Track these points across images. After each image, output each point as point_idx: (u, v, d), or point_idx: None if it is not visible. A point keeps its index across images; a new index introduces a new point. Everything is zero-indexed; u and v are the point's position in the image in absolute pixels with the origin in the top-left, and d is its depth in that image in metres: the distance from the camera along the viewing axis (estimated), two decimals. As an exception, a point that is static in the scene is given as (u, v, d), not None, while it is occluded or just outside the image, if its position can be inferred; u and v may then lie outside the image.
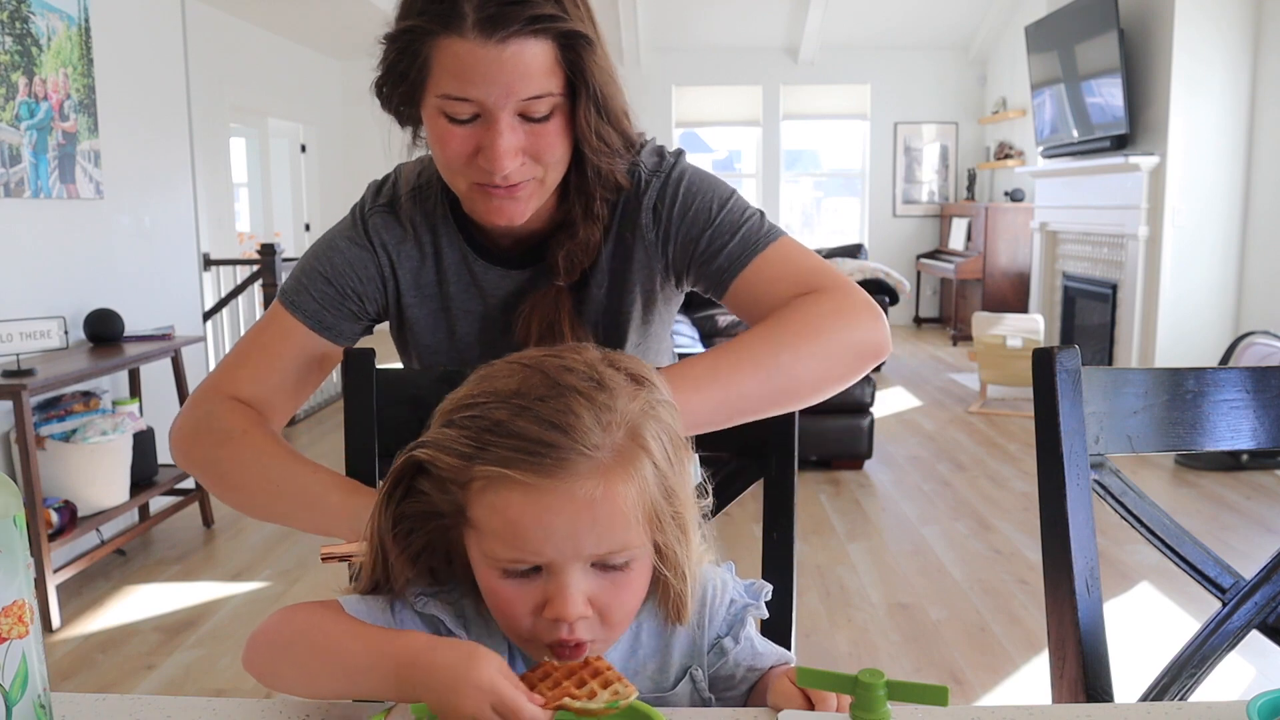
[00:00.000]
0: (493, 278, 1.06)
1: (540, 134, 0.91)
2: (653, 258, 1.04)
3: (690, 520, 0.71)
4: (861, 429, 4.32)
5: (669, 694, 0.73)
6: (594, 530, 0.64)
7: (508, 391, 0.65)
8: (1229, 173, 5.02)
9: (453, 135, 0.90)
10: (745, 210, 1.03)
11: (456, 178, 0.95)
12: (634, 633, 0.74)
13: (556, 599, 0.64)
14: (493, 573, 0.66)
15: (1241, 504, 3.82)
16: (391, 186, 1.07)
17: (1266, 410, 0.95)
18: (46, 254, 3.32)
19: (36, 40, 3.24)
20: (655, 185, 1.03)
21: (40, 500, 2.81)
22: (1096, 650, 0.88)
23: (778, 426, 0.99)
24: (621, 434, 0.65)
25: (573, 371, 0.66)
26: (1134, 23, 5.22)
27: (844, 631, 2.77)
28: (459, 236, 1.05)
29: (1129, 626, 2.75)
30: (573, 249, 1.01)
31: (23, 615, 0.61)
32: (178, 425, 1.01)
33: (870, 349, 0.96)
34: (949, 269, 8.06)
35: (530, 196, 0.95)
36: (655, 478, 0.67)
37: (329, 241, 1.06)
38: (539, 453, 0.62)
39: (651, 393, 0.69)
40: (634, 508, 0.65)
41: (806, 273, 0.99)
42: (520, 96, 0.88)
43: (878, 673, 0.62)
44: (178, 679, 2.52)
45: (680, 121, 8.95)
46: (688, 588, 0.71)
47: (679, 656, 0.74)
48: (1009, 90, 8.19)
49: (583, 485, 0.63)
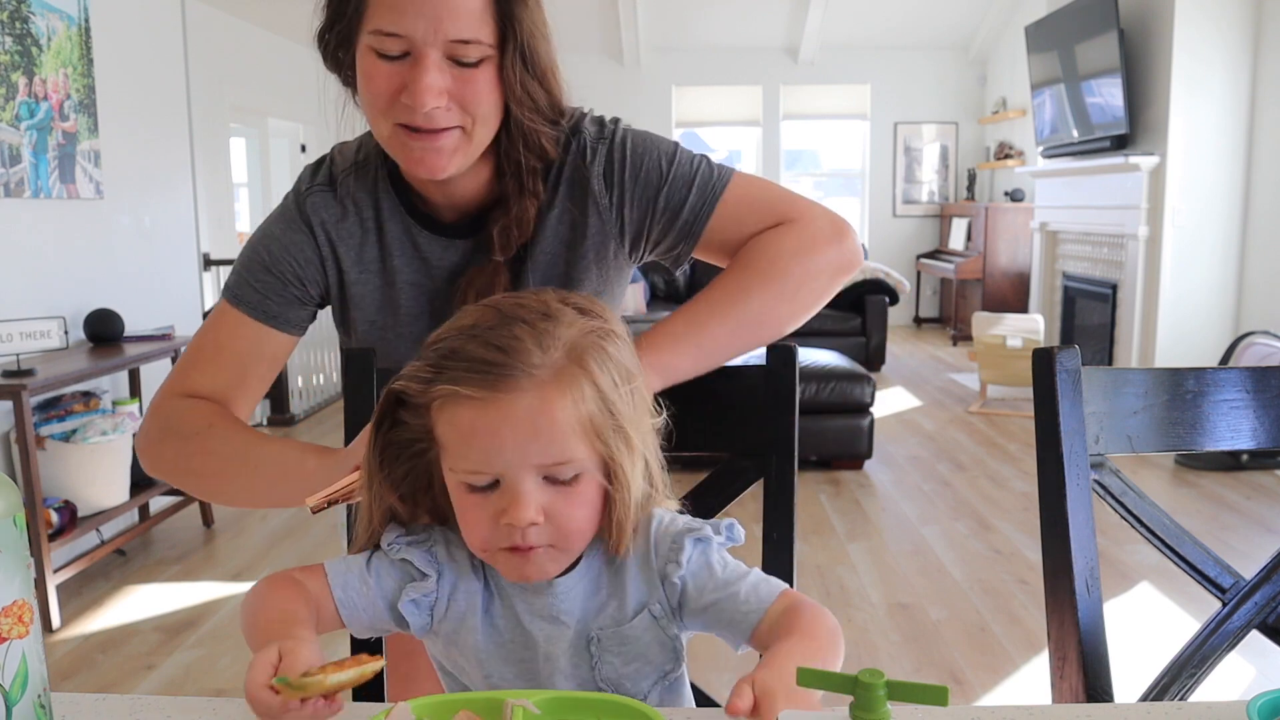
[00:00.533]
0: (436, 249, 1.05)
1: (467, 80, 0.91)
2: (607, 224, 1.04)
3: (636, 441, 0.75)
4: (861, 429, 4.32)
5: (627, 626, 0.77)
6: (536, 440, 0.70)
7: (466, 325, 0.74)
8: (1229, 173, 5.02)
9: (380, 71, 0.91)
10: (693, 160, 1.05)
11: (380, 120, 0.94)
12: (595, 574, 0.79)
13: (511, 507, 0.71)
14: (459, 488, 0.74)
15: (1241, 504, 3.82)
16: (328, 166, 1.07)
17: (1266, 410, 0.95)
18: (46, 254, 3.32)
19: (36, 40, 3.24)
20: (602, 152, 1.04)
21: (40, 500, 2.81)
22: (1096, 650, 0.88)
23: (778, 426, 0.99)
24: (560, 354, 0.71)
25: (524, 306, 0.74)
26: (1134, 23, 5.22)
27: (844, 631, 2.76)
28: (400, 208, 1.05)
29: (1129, 626, 2.75)
30: (507, 224, 1.01)
31: (23, 615, 0.61)
32: (141, 434, 1.02)
33: (839, 268, 1.02)
34: (949, 269, 8.06)
35: (455, 150, 0.94)
36: (595, 397, 0.72)
37: (265, 230, 1.06)
38: (484, 370, 0.70)
39: (594, 321, 0.75)
40: (571, 420, 0.71)
41: (768, 205, 1.03)
42: (449, 36, 0.88)
43: (878, 673, 0.63)
44: (178, 679, 2.52)
45: (680, 121, 8.95)
46: (628, 502, 0.75)
47: (634, 592, 0.78)
48: (1009, 90, 8.19)
49: (523, 399, 0.70)
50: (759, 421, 1.00)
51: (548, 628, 0.78)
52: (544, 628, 0.78)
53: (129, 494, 3.31)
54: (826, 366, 4.35)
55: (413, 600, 0.77)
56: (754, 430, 0.99)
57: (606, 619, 0.78)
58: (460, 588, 0.79)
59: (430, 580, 0.78)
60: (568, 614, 0.78)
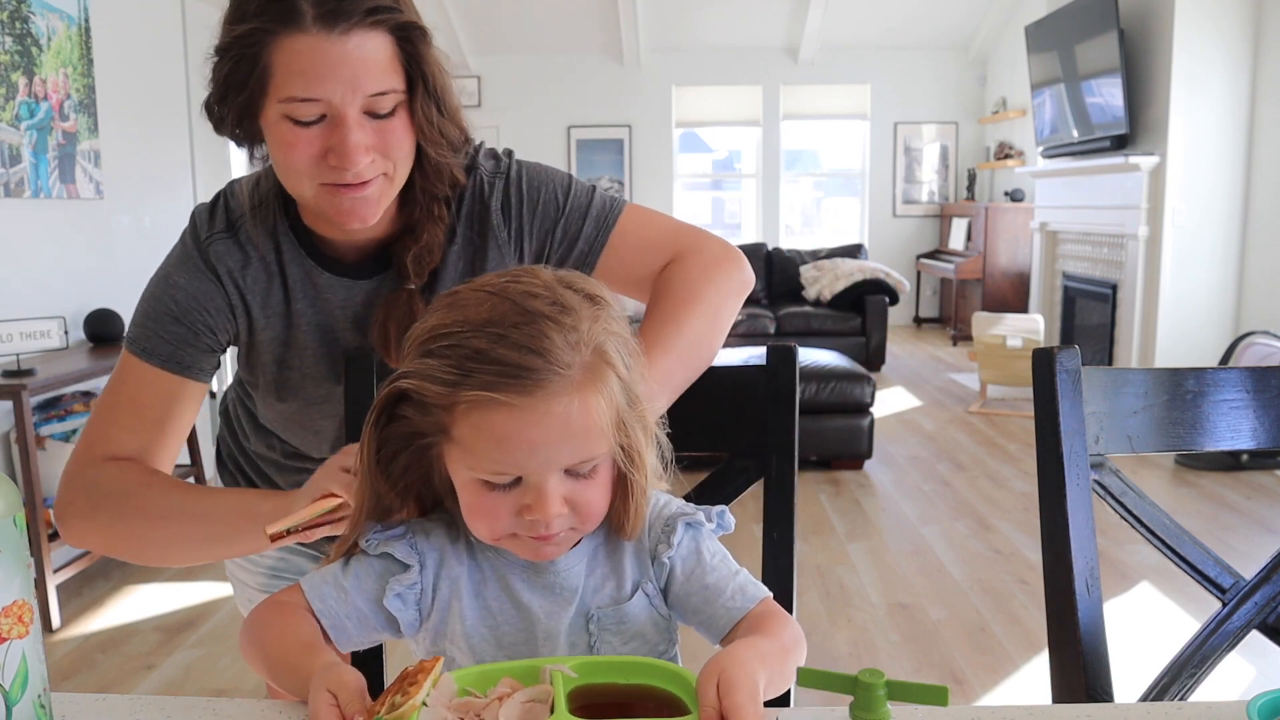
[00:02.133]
0: (339, 290, 1.04)
1: (386, 130, 0.91)
2: (506, 256, 1.06)
3: (648, 417, 0.77)
4: (861, 429, 4.32)
5: (627, 604, 0.79)
6: (570, 442, 0.71)
7: (480, 320, 0.71)
8: (1229, 173, 5.02)
9: (299, 138, 0.89)
10: (586, 191, 1.08)
11: (303, 182, 0.93)
12: (592, 552, 0.80)
13: (537, 504, 0.71)
14: (474, 484, 0.73)
15: (1241, 504, 3.82)
16: (224, 209, 1.04)
17: (1266, 410, 0.95)
18: (46, 254, 3.32)
19: (36, 40, 3.24)
20: (499, 186, 1.06)
21: (40, 500, 2.81)
22: (1096, 650, 0.88)
23: (778, 426, 0.99)
24: (589, 352, 0.71)
25: (537, 297, 0.72)
26: (1134, 23, 5.22)
27: (844, 631, 2.77)
28: (300, 250, 1.04)
29: (1129, 626, 2.75)
30: (419, 251, 1.01)
31: (23, 615, 0.61)
32: (62, 506, 0.97)
33: (742, 287, 1.07)
34: (949, 269, 8.06)
35: (380, 196, 0.95)
36: (620, 387, 0.73)
37: (166, 279, 1.02)
38: (520, 375, 0.68)
39: (606, 309, 0.75)
40: (604, 417, 0.72)
41: (664, 238, 1.07)
42: (366, 92, 0.88)
43: (878, 673, 0.63)
44: (178, 679, 2.52)
45: (680, 121, 8.95)
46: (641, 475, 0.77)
47: (630, 571, 0.80)
48: (1009, 90, 8.19)
49: (559, 401, 0.69)
50: (759, 421, 1.00)
51: (549, 603, 0.78)
52: (545, 603, 0.78)
53: (129, 494, 3.31)
54: (826, 366, 4.35)
55: (398, 595, 0.77)
56: (754, 430, 0.99)
57: (605, 598, 0.79)
58: (443, 575, 0.79)
59: (413, 570, 0.77)
60: (570, 589, 0.78)
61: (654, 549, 0.79)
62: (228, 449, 1.25)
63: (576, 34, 8.41)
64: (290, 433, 1.14)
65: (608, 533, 0.80)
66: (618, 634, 0.78)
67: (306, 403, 1.09)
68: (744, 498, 1.03)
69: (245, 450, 1.22)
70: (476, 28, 8.28)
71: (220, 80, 0.91)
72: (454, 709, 0.64)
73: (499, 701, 0.65)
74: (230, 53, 0.89)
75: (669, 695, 0.66)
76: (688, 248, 1.06)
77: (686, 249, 1.06)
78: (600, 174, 8.79)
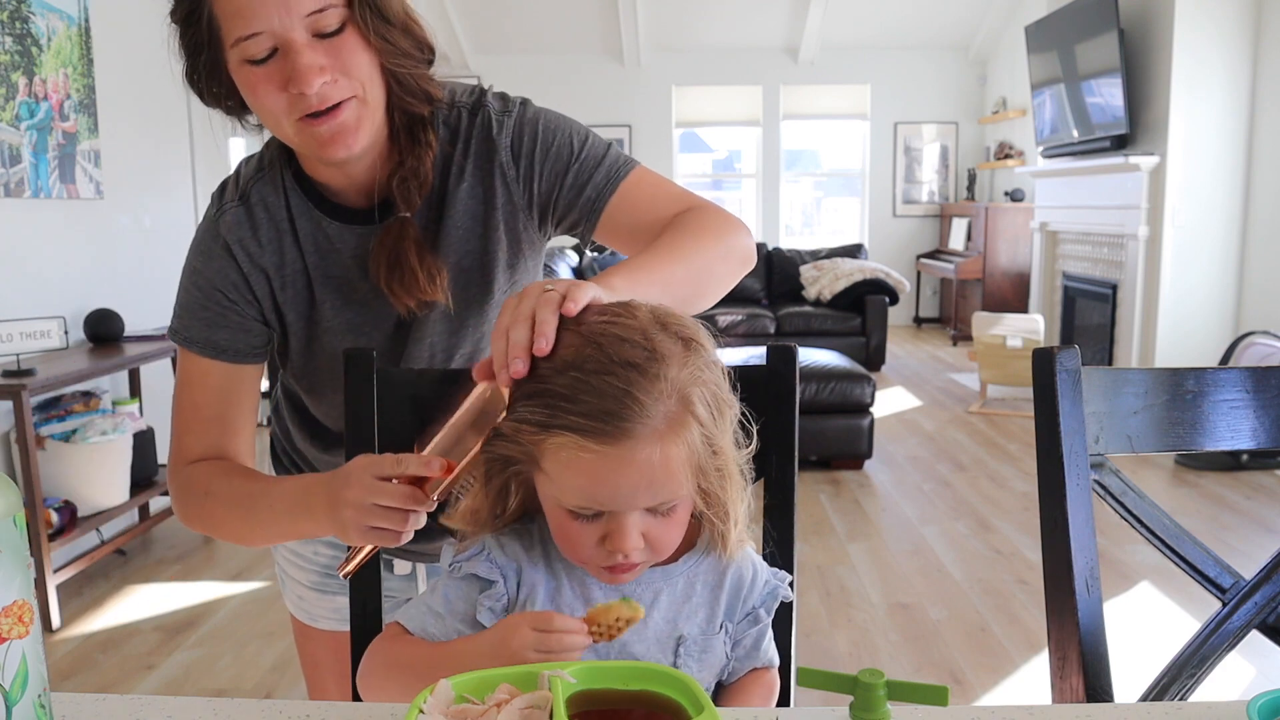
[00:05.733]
0: (349, 238, 1.04)
1: (338, 46, 0.91)
2: (515, 195, 1.05)
3: (732, 467, 0.80)
4: (861, 429, 4.32)
5: (714, 638, 0.84)
6: (651, 487, 0.74)
7: (569, 362, 0.73)
8: (1229, 173, 5.02)
9: (258, 77, 0.90)
10: (603, 143, 1.07)
11: (281, 122, 0.93)
12: (689, 583, 0.84)
13: (617, 537, 0.75)
14: (562, 512, 0.77)
15: (1241, 504, 3.82)
16: (235, 180, 1.07)
17: (1266, 410, 0.95)
18: (46, 254, 3.32)
19: (36, 40, 3.24)
20: (509, 125, 1.05)
21: (40, 500, 2.81)
22: (1096, 650, 0.88)
23: (778, 426, 0.99)
24: (674, 401, 0.73)
25: (628, 342, 0.73)
26: (1134, 23, 5.22)
27: (844, 631, 2.77)
28: (308, 203, 1.04)
29: (1129, 626, 2.75)
30: (404, 175, 1.01)
31: (23, 615, 0.61)
32: (175, 506, 1.06)
33: (746, 254, 1.05)
34: (949, 269, 8.05)
35: (359, 120, 0.94)
36: (701, 436, 0.75)
37: (189, 267, 1.05)
38: (601, 420, 0.71)
39: (699, 355, 0.77)
40: (684, 464, 0.74)
41: (677, 194, 1.07)
42: (303, 12, 0.88)
43: (878, 673, 0.63)
44: (178, 679, 2.52)
45: (680, 121, 8.95)
46: (730, 525, 0.82)
47: (724, 609, 0.85)
48: (1009, 90, 8.19)
49: (642, 449, 0.72)
50: (759, 421, 0.99)
51: None
52: None
53: (129, 494, 3.31)
54: (826, 366, 4.35)
55: (489, 608, 0.80)
56: (754, 430, 0.99)
57: (696, 627, 0.83)
58: (523, 583, 0.82)
59: (499, 584, 0.81)
60: (646, 605, 0.81)
61: (751, 609, 0.86)
62: (280, 445, 1.26)
63: (576, 34, 8.41)
64: (323, 408, 1.14)
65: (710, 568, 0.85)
66: (699, 660, 0.83)
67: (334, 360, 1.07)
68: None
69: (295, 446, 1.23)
70: (476, 28, 8.28)
71: (184, 49, 0.94)
72: (451, 716, 0.64)
73: (497, 708, 0.65)
74: (179, 16, 0.92)
75: (669, 701, 0.66)
76: (697, 206, 1.05)
77: (695, 207, 1.05)
78: (600, 174, 8.78)
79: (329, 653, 1.27)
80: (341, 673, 1.23)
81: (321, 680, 1.30)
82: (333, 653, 1.27)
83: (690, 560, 0.84)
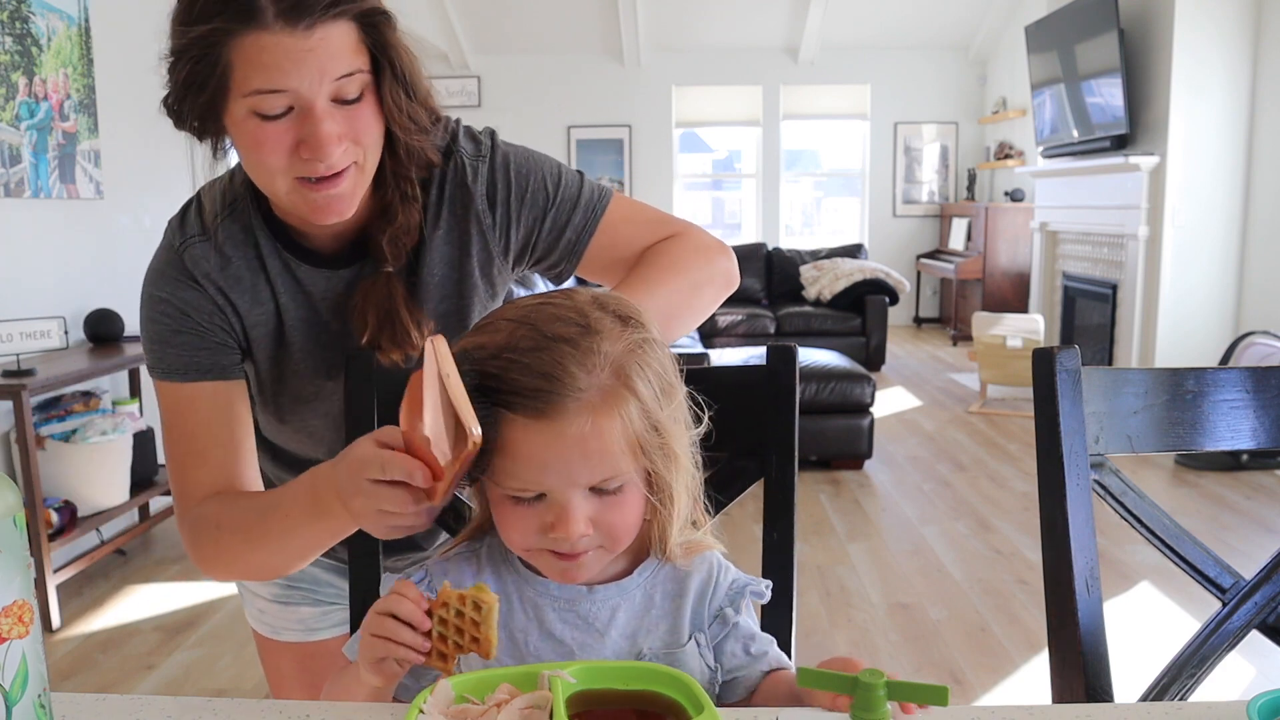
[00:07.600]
0: (319, 281, 1.02)
1: (355, 115, 0.89)
2: (490, 242, 1.04)
3: (679, 449, 0.78)
4: (861, 429, 4.32)
5: (681, 650, 0.80)
6: (585, 462, 0.72)
7: (499, 345, 0.73)
8: (1229, 173, 5.02)
9: (267, 134, 0.87)
10: (575, 179, 1.07)
11: (276, 178, 0.90)
12: (647, 595, 0.81)
13: (559, 523, 0.73)
14: (503, 499, 0.76)
15: (1241, 504, 3.82)
16: (197, 216, 1.01)
17: (1266, 410, 0.95)
18: (46, 254, 3.32)
19: (36, 40, 3.24)
20: (483, 171, 1.03)
21: (40, 500, 2.81)
22: (1096, 650, 0.88)
23: (778, 426, 0.99)
24: (606, 374, 0.72)
25: (561, 320, 0.73)
26: (1134, 23, 5.22)
27: (844, 631, 2.76)
28: (276, 245, 1.01)
29: (1129, 626, 2.75)
30: (395, 233, 0.99)
31: (23, 615, 0.61)
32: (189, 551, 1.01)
33: (728, 278, 1.07)
34: (949, 269, 8.05)
35: (355, 187, 0.93)
36: (640, 412, 0.74)
37: (150, 299, 1.00)
38: (533, 399, 0.71)
39: (637, 331, 0.76)
40: (620, 440, 0.73)
41: (655, 222, 1.08)
42: (332, 77, 0.85)
43: (878, 673, 0.63)
44: (178, 679, 2.52)
45: (680, 121, 8.95)
46: (673, 514, 0.78)
47: (689, 620, 0.81)
48: (1009, 90, 8.19)
49: (573, 423, 0.71)
50: (759, 421, 0.99)
51: (583, 635, 0.79)
52: (579, 635, 0.79)
53: (129, 494, 3.31)
54: (826, 366, 4.35)
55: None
56: (754, 430, 0.99)
57: (658, 640, 0.80)
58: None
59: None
60: (603, 623, 0.79)
61: (718, 610, 0.81)
62: None
63: (576, 34, 8.41)
64: (285, 436, 1.12)
65: (668, 577, 0.82)
66: None
67: (297, 400, 1.07)
68: (744, 497, 1.03)
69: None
70: (476, 28, 8.28)
71: (179, 82, 0.89)
72: (451, 716, 0.64)
73: (497, 708, 0.65)
74: (188, 54, 0.86)
75: (669, 700, 0.66)
76: (677, 233, 1.06)
77: (676, 234, 1.06)
78: (600, 174, 8.78)
79: (294, 664, 1.26)
80: (309, 683, 1.23)
81: (288, 692, 1.27)
82: (298, 664, 1.25)
83: (647, 570, 0.82)
